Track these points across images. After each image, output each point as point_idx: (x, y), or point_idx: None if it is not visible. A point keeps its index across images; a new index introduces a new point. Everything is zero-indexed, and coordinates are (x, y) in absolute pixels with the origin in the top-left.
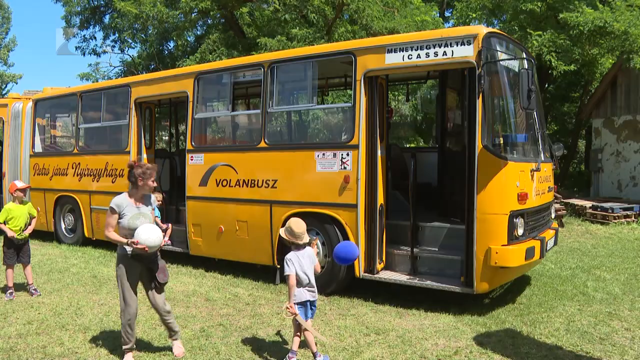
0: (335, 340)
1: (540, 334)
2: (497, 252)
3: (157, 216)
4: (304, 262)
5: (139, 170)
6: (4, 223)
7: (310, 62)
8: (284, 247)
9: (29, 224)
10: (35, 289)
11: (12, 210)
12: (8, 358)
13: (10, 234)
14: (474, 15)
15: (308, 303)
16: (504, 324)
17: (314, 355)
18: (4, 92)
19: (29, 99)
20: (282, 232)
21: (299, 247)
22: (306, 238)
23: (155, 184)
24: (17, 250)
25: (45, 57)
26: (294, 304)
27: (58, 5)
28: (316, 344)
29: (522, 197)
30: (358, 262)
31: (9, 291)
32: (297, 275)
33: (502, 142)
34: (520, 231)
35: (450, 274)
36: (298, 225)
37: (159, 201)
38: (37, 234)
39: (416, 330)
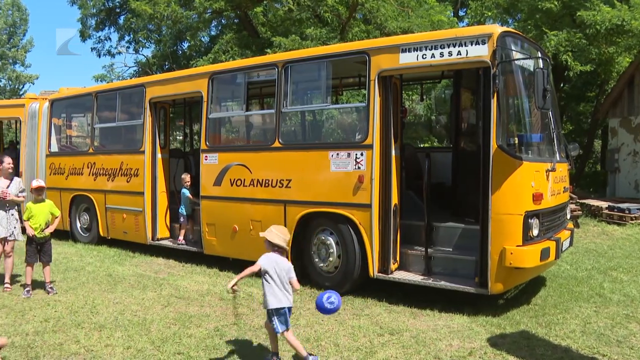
0: (349, 340)
1: (555, 336)
2: (511, 253)
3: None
4: (282, 267)
5: None
6: (27, 221)
7: (324, 62)
8: (298, 246)
9: (51, 223)
10: (51, 288)
11: (32, 208)
12: (26, 355)
13: (30, 232)
14: (488, 14)
15: (287, 310)
16: (518, 325)
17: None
18: (20, 92)
19: (46, 99)
20: (271, 236)
21: (282, 253)
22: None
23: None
24: (38, 249)
25: (61, 58)
26: (273, 309)
27: (74, 8)
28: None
29: (537, 198)
30: (372, 262)
31: (27, 289)
32: (271, 276)
33: (517, 142)
34: (535, 232)
35: (465, 275)
36: (285, 231)
37: (187, 182)
38: (53, 233)
39: (430, 330)
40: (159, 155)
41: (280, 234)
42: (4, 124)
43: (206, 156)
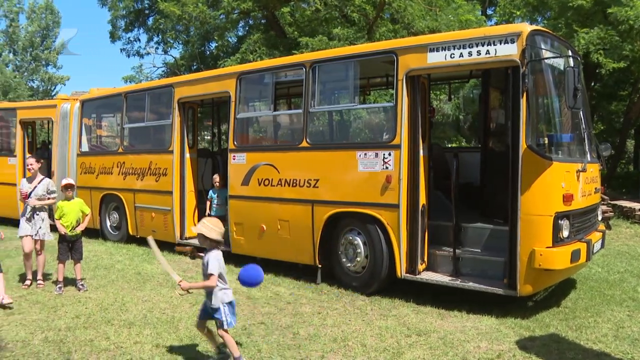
0: (376, 341)
1: (587, 340)
2: (541, 254)
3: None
4: (223, 263)
5: None
6: (59, 220)
7: (351, 62)
8: (325, 246)
9: (82, 221)
10: (82, 285)
11: (63, 207)
12: (59, 350)
13: (61, 230)
14: (517, 13)
15: (234, 303)
16: (548, 328)
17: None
18: (52, 93)
19: (77, 99)
20: (208, 231)
21: (219, 247)
22: None
23: None
24: (69, 247)
25: (92, 60)
26: (227, 303)
27: (104, 10)
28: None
29: (567, 199)
30: (400, 263)
31: (59, 285)
32: (223, 275)
33: (546, 141)
34: (565, 233)
35: (493, 276)
36: (220, 224)
37: (216, 182)
38: (84, 231)
39: (458, 332)
40: (187, 155)
41: (216, 228)
42: (36, 124)
43: (234, 156)
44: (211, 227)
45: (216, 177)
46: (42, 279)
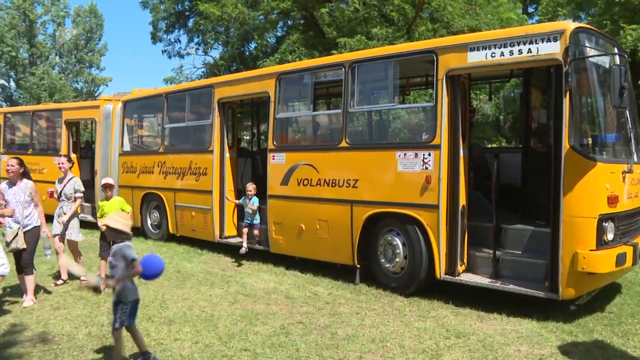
0: (414, 342)
1: (633, 347)
2: (584, 257)
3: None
4: None
5: None
6: (100, 218)
7: (391, 62)
8: (364, 247)
9: None
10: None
11: (103, 206)
12: (101, 344)
13: (102, 228)
14: (562, 11)
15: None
16: (592, 333)
17: (143, 354)
18: (96, 94)
19: (119, 100)
20: (117, 224)
21: (125, 240)
22: None
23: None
24: (109, 244)
25: (134, 61)
26: (137, 299)
27: (146, 12)
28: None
29: (612, 200)
30: (439, 264)
31: (102, 282)
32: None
33: (590, 142)
34: (610, 236)
35: (534, 278)
36: (128, 217)
37: (249, 191)
38: None
39: (498, 335)
40: (227, 155)
41: (125, 221)
42: (80, 124)
43: (273, 156)
44: (121, 221)
45: (249, 186)
46: (65, 279)
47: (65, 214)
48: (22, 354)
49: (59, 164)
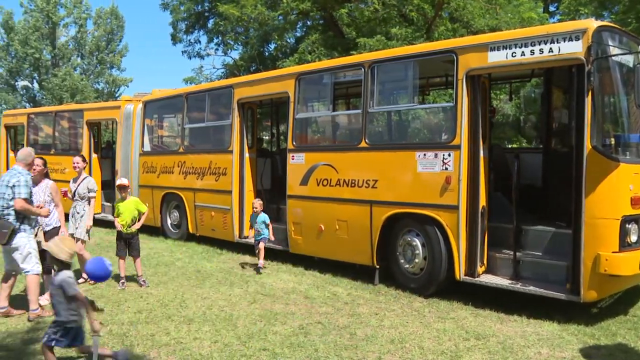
0: (433, 344)
1: None
2: (607, 259)
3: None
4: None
5: None
6: (116, 218)
7: (410, 62)
8: (383, 247)
9: (137, 220)
10: (144, 281)
11: (119, 206)
12: (122, 342)
13: (118, 227)
14: (584, 10)
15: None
16: (614, 336)
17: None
18: (116, 95)
19: (139, 101)
20: (57, 251)
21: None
22: None
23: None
24: (126, 244)
25: (154, 62)
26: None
27: (166, 13)
28: None
29: (635, 202)
30: (458, 265)
31: (121, 281)
32: (68, 298)
33: (613, 142)
34: (633, 238)
35: (555, 280)
36: (72, 243)
37: (255, 208)
38: (145, 229)
39: (518, 337)
40: (246, 155)
41: (69, 250)
42: (101, 124)
43: (293, 156)
44: (61, 247)
45: (255, 202)
46: (85, 277)
47: (78, 213)
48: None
49: (74, 163)
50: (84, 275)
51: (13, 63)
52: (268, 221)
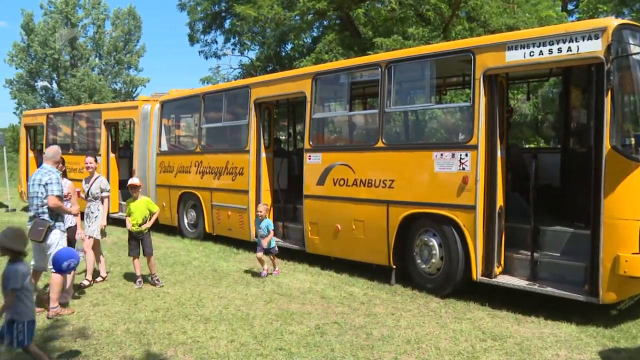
0: (450, 344)
1: None
2: (626, 261)
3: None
4: (25, 277)
5: None
6: (128, 217)
7: (427, 62)
8: (400, 247)
9: (149, 219)
10: (157, 280)
11: (130, 206)
12: (139, 341)
13: (128, 226)
14: (604, 8)
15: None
16: (635, 339)
17: None
18: (134, 95)
19: (157, 101)
20: (6, 240)
21: (20, 259)
22: None
23: None
24: (138, 243)
25: (171, 62)
26: (31, 321)
27: (183, 13)
28: None
29: None
30: (475, 265)
31: (138, 280)
32: (27, 289)
33: (633, 142)
34: None
35: (573, 281)
36: (24, 234)
37: (259, 212)
38: (163, 228)
39: (535, 338)
40: (263, 155)
41: (17, 237)
42: (119, 124)
43: (310, 156)
44: (11, 236)
45: (260, 207)
46: (91, 278)
47: (92, 212)
48: (63, 348)
49: (86, 163)
50: (102, 275)
51: (33, 64)
52: (272, 227)
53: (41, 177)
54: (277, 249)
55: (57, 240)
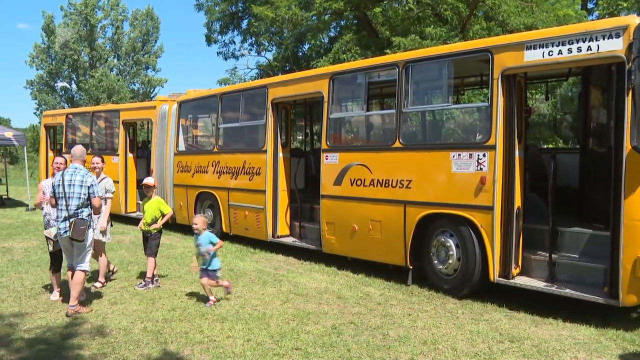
0: (467, 345)
1: None
2: None
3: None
4: None
5: None
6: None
7: (445, 61)
8: (417, 248)
9: (160, 219)
10: (156, 280)
11: (144, 205)
12: (156, 340)
13: (139, 225)
14: (624, 4)
15: None
16: None
17: None
18: (152, 95)
19: (174, 101)
20: None
21: None
22: None
23: None
24: (145, 242)
25: (188, 63)
26: None
27: (200, 14)
28: None
29: None
30: (493, 266)
31: (155, 278)
32: None
33: None
34: None
35: (592, 283)
36: None
37: (195, 224)
38: (180, 228)
39: (553, 340)
40: (280, 155)
41: None
42: (137, 124)
43: (327, 156)
44: None
45: (195, 219)
46: (104, 280)
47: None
48: (82, 346)
49: (93, 163)
50: (101, 280)
51: (53, 65)
52: (216, 240)
53: (82, 178)
54: (218, 274)
55: (90, 239)
